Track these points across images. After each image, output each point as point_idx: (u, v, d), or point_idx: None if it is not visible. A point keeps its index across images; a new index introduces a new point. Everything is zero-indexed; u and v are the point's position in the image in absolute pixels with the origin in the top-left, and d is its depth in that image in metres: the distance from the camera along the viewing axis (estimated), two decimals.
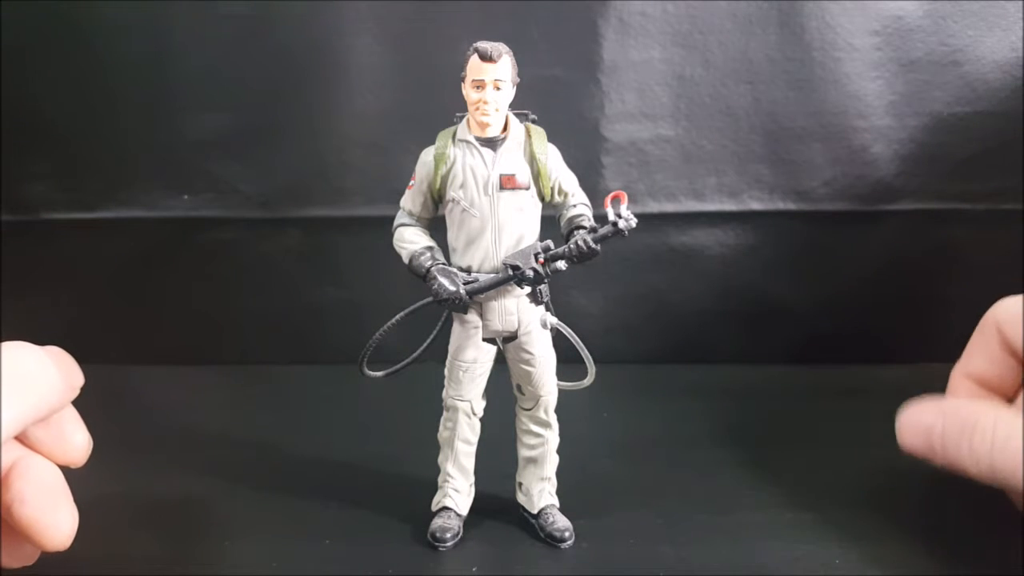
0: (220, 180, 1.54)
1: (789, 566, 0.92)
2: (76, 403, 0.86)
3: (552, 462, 1.01)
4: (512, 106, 0.93)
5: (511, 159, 0.92)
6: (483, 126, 0.91)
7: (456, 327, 0.97)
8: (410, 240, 0.96)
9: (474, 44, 0.89)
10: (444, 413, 0.99)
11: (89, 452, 0.86)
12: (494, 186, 0.91)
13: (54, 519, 0.76)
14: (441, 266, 0.93)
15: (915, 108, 1.49)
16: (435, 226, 0.98)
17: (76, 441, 0.84)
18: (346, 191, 1.54)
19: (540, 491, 1.00)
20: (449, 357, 0.98)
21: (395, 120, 1.49)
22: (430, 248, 0.95)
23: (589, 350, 0.98)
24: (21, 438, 0.81)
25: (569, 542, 0.96)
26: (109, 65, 1.49)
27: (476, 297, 0.92)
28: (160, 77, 1.49)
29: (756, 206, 1.54)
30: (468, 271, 0.93)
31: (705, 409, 1.38)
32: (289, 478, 1.13)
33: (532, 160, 0.93)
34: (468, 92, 0.90)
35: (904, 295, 1.56)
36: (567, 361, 1.00)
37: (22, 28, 1.46)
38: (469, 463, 1.01)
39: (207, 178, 1.54)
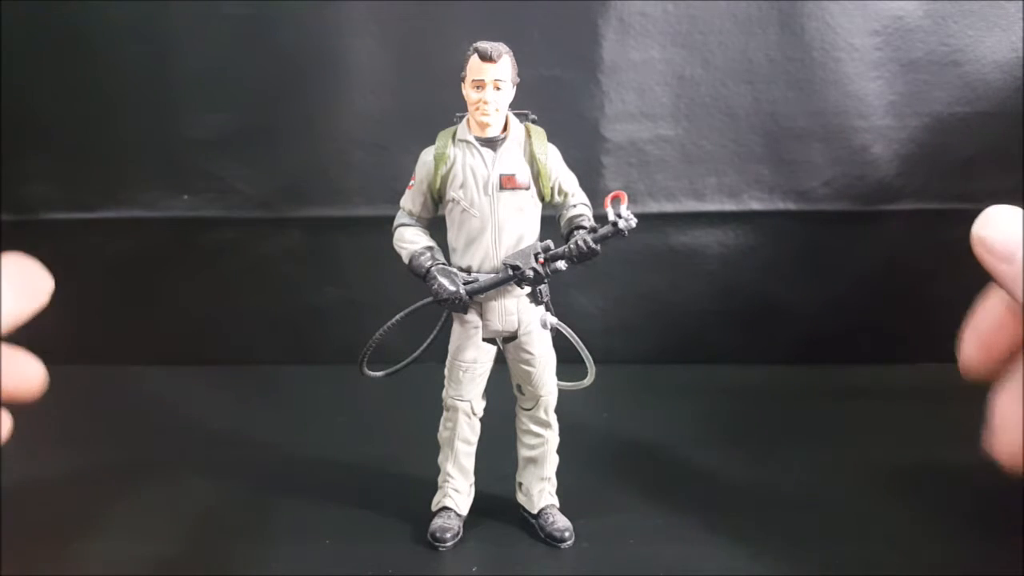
0: (220, 180, 1.54)
1: (789, 566, 0.92)
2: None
3: (552, 462, 1.01)
4: (512, 106, 0.93)
5: (511, 159, 0.92)
6: (483, 126, 0.91)
7: (456, 327, 0.97)
8: (410, 240, 0.96)
9: (474, 44, 0.89)
10: (444, 413, 0.99)
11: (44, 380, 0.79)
12: (494, 186, 0.91)
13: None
14: (441, 266, 0.93)
15: (915, 108, 1.49)
16: (435, 226, 0.98)
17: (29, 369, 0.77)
18: (346, 191, 1.54)
19: (540, 491, 1.00)
20: (449, 357, 0.98)
21: (395, 120, 1.49)
22: (430, 248, 0.95)
23: (589, 350, 0.98)
24: None
25: (569, 542, 0.96)
26: (109, 65, 1.49)
27: (476, 297, 0.92)
28: (160, 77, 1.49)
29: (756, 206, 1.54)
30: (468, 271, 0.93)
31: (705, 409, 1.38)
32: (289, 478, 1.13)
33: (532, 160, 0.93)
34: (468, 92, 0.90)
35: (904, 295, 1.55)
36: (567, 361, 1.00)
37: (22, 28, 1.46)
38: (469, 463, 1.01)
39: (207, 178, 1.54)
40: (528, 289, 0.94)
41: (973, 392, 1.07)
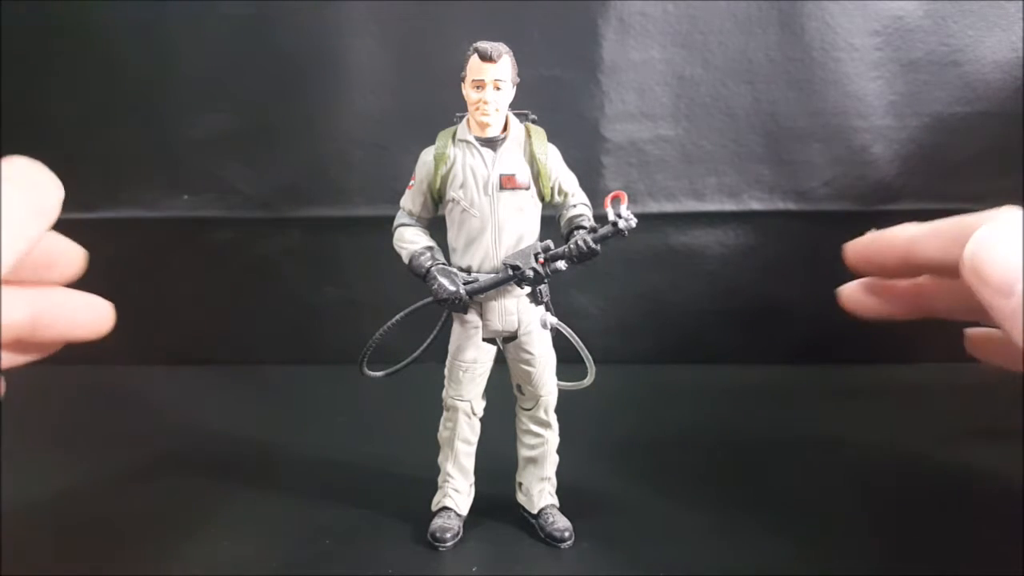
0: (220, 180, 1.54)
1: (789, 566, 0.92)
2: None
3: (552, 462, 1.01)
4: (512, 106, 0.93)
5: (511, 159, 0.92)
6: (483, 126, 0.91)
7: (456, 327, 0.97)
8: (410, 240, 0.96)
9: (474, 44, 0.89)
10: (444, 413, 0.99)
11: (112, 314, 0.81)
12: (494, 186, 0.91)
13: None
14: (441, 266, 0.93)
15: (915, 108, 1.49)
16: (435, 226, 0.98)
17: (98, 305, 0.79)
18: (347, 191, 1.54)
19: (540, 491, 1.00)
20: (449, 357, 0.98)
21: (395, 120, 1.49)
22: (430, 248, 0.95)
23: (589, 350, 0.98)
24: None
25: (569, 542, 0.96)
26: (109, 65, 1.49)
27: (476, 297, 0.92)
28: (160, 77, 1.49)
29: (756, 206, 1.54)
30: (468, 271, 0.93)
31: (705, 409, 1.38)
32: (289, 478, 1.13)
33: (532, 160, 0.93)
34: (468, 92, 0.90)
35: None
36: (567, 361, 1.00)
37: (23, 28, 1.46)
38: (469, 463, 1.01)
39: (207, 178, 1.54)
40: (528, 289, 0.94)
41: (973, 392, 1.08)
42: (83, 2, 1.46)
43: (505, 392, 1.00)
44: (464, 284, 0.91)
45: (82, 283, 1.66)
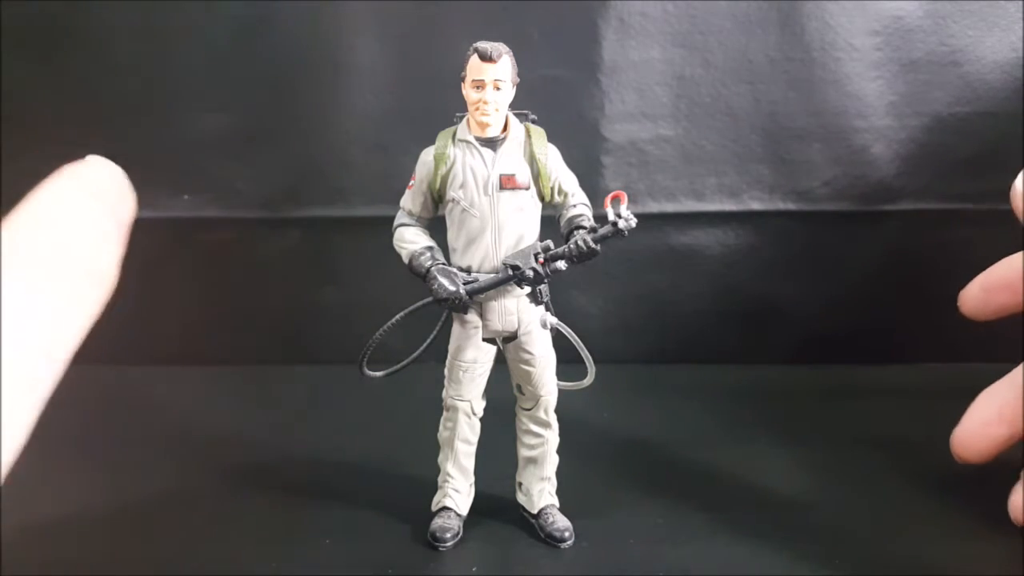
0: (220, 180, 1.54)
1: (789, 566, 0.92)
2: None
3: (552, 462, 1.01)
4: (512, 106, 0.93)
5: (511, 159, 0.92)
6: (483, 126, 0.92)
7: (456, 327, 0.97)
8: (410, 240, 0.96)
9: (474, 44, 0.89)
10: (444, 413, 0.99)
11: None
12: (494, 186, 0.91)
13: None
14: (441, 266, 0.93)
15: (915, 108, 1.49)
16: (435, 226, 0.98)
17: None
18: (346, 191, 1.54)
19: (540, 491, 1.00)
20: (449, 357, 0.98)
21: (395, 120, 1.49)
22: (430, 248, 0.95)
23: (589, 350, 0.98)
24: None
25: (569, 542, 0.96)
26: (108, 65, 1.49)
27: (476, 297, 0.93)
28: (160, 77, 1.49)
29: (756, 206, 1.54)
30: (468, 271, 0.93)
31: (705, 409, 1.38)
32: (289, 478, 1.13)
33: (532, 160, 0.93)
34: (468, 92, 0.90)
35: (904, 295, 1.56)
36: (567, 361, 1.00)
37: (22, 28, 1.46)
38: (469, 463, 1.01)
39: (207, 178, 1.54)
40: (528, 289, 0.94)
41: (973, 392, 1.08)
42: (83, 2, 1.46)
43: (505, 392, 1.00)
44: (464, 284, 0.91)
45: None
